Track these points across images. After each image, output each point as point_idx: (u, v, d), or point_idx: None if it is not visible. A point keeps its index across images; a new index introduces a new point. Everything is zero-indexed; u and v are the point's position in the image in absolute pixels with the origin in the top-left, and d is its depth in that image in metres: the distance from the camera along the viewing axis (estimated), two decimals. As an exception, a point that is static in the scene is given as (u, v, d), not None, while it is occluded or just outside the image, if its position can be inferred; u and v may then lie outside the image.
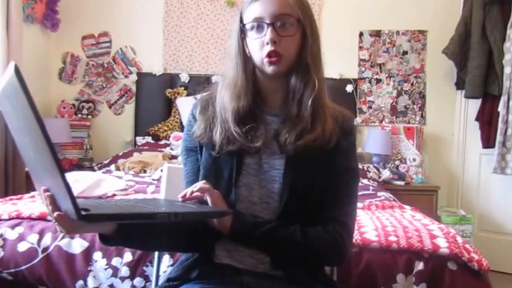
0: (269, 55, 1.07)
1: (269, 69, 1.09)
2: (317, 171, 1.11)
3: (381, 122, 3.84)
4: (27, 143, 0.87)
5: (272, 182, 1.11)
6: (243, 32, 1.11)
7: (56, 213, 0.87)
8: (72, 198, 0.80)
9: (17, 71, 0.77)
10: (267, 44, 1.07)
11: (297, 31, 1.09)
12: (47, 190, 0.88)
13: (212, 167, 1.13)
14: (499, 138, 3.19)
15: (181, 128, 3.63)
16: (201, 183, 1.05)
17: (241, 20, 1.12)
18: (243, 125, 1.11)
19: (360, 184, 2.87)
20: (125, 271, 1.54)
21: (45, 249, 1.58)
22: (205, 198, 1.04)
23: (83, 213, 0.80)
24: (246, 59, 1.12)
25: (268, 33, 1.07)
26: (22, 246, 1.59)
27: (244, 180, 1.12)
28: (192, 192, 1.04)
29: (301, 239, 1.07)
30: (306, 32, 1.09)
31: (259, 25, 1.08)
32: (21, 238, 1.61)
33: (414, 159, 3.64)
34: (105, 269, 1.55)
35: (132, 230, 1.02)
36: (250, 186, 1.12)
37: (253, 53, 1.11)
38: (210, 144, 1.13)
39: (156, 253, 1.44)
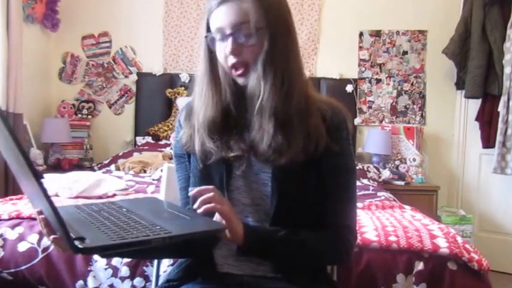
0: (234, 67, 1.03)
1: (239, 80, 1.06)
2: (307, 174, 1.07)
3: (381, 122, 3.84)
4: (17, 169, 0.87)
5: (263, 184, 1.08)
6: (211, 39, 1.04)
7: (51, 237, 0.86)
8: (66, 233, 0.78)
9: None
10: (229, 55, 1.02)
11: (260, 38, 1.01)
12: (41, 212, 0.87)
13: (202, 174, 1.10)
14: (499, 138, 3.19)
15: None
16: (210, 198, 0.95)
17: (208, 28, 1.05)
18: (218, 135, 1.06)
19: (359, 184, 2.93)
20: (124, 271, 1.54)
21: (45, 249, 1.58)
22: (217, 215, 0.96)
23: (78, 245, 0.78)
24: (213, 69, 1.07)
25: (228, 44, 1.01)
26: (22, 246, 1.59)
27: (236, 183, 1.09)
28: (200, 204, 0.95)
29: (311, 245, 1.05)
30: (266, 37, 1.00)
31: (222, 35, 1.02)
32: (21, 238, 1.61)
33: (414, 159, 3.63)
34: (105, 269, 1.55)
35: None
36: (241, 189, 1.10)
37: (222, 63, 1.06)
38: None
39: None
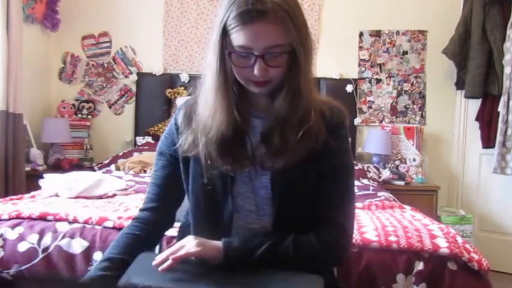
0: (256, 83, 1.01)
1: (255, 89, 1.03)
2: (306, 173, 1.06)
3: (380, 122, 3.84)
4: None
5: (264, 188, 1.08)
6: (229, 52, 1.00)
7: None
8: None
9: None
10: (255, 73, 0.99)
11: (287, 57, 0.99)
12: None
13: (203, 180, 1.08)
14: (499, 138, 3.19)
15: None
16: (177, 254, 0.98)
17: (223, 33, 1.00)
18: (227, 151, 1.04)
19: (359, 184, 2.93)
20: (125, 271, 1.54)
21: (45, 249, 1.58)
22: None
23: None
24: (225, 78, 1.02)
25: (257, 66, 0.98)
26: (22, 246, 1.59)
27: (239, 189, 1.09)
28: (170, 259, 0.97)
29: (294, 253, 1.02)
30: (297, 55, 0.99)
31: (248, 53, 0.98)
32: (21, 238, 1.61)
33: (414, 159, 3.63)
34: (105, 269, 1.55)
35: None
36: (245, 194, 1.09)
37: (237, 74, 1.02)
38: (199, 157, 1.07)
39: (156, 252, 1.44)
